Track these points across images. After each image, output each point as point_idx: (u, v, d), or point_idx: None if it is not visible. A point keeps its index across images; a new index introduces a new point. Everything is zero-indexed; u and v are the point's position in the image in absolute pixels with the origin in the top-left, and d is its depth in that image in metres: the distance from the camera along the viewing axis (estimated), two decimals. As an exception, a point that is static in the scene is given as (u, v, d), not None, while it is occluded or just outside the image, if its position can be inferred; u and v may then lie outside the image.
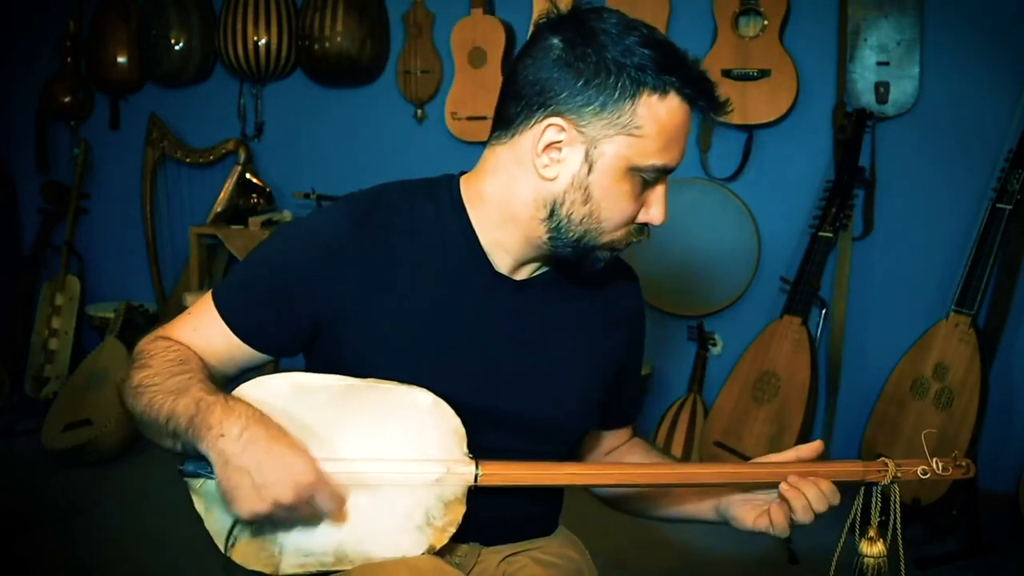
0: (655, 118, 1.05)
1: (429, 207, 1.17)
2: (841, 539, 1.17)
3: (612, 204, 1.09)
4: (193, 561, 2.41)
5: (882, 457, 1.19)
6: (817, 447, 1.19)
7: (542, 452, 1.18)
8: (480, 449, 1.09)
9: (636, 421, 1.44)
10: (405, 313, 1.13)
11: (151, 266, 3.89)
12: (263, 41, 3.52)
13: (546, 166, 1.09)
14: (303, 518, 1.03)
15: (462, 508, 1.07)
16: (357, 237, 1.13)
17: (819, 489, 1.13)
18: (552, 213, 1.11)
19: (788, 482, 1.13)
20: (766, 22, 3.00)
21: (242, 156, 3.65)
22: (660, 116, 1.06)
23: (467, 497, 1.08)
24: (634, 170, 1.08)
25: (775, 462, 1.17)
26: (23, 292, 3.99)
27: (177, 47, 3.64)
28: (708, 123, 1.13)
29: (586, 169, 1.08)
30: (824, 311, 3.03)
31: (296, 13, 3.54)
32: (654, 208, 1.13)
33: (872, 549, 1.17)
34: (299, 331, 1.15)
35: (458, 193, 1.17)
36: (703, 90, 1.07)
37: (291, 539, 1.05)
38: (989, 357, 2.75)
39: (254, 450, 0.98)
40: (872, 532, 1.17)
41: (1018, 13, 2.82)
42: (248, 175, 3.65)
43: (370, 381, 1.08)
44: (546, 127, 1.07)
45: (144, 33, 3.71)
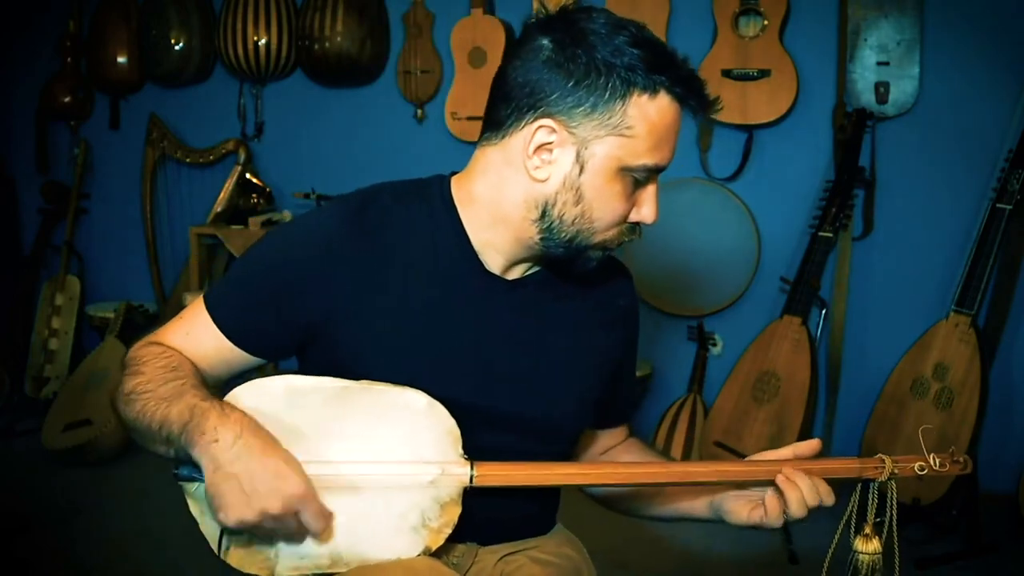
0: (645, 118, 1.05)
1: (420, 208, 1.16)
2: (836, 535, 1.17)
3: (604, 204, 1.09)
4: (193, 561, 2.40)
5: (880, 455, 1.18)
6: (815, 445, 1.18)
7: (538, 451, 1.17)
8: (475, 449, 1.08)
9: (632, 420, 1.44)
10: (398, 313, 1.13)
11: (151, 266, 3.89)
12: (263, 41, 3.52)
13: (537, 167, 1.09)
14: (289, 533, 1.02)
15: (457, 509, 1.07)
16: (348, 238, 1.12)
17: (812, 481, 1.12)
18: (544, 214, 1.11)
19: (783, 474, 1.13)
20: (766, 22, 2.99)
21: (242, 156, 3.65)
22: (650, 116, 1.06)
23: (463, 498, 1.07)
24: (625, 170, 1.08)
25: (771, 459, 1.17)
26: (23, 292, 3.99)
27: (177, 47, 3.64)
28: (699, 121, 1.13)
29: (577, 170, 1.08)
30: (824, 311, 3.03)
31: (296, 13, 3.54)
32: (646, 207, 1.13)
33: (867, 546, 1.16)
34: (291, 333, 1.15)
35: (449, 194, 1.17)
36: (693, 88, 1.07)
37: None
38: (989, 357, 2.75)
39: (246, 459, 0.97)
40: (868, 529, 1.16)
41: (1018, 13, 2.82)
42: (248, 175, 3.65)
43: (364, 383, 1.08)
44: (536, 129, 1.07)
45: (144, 33, 3.71)
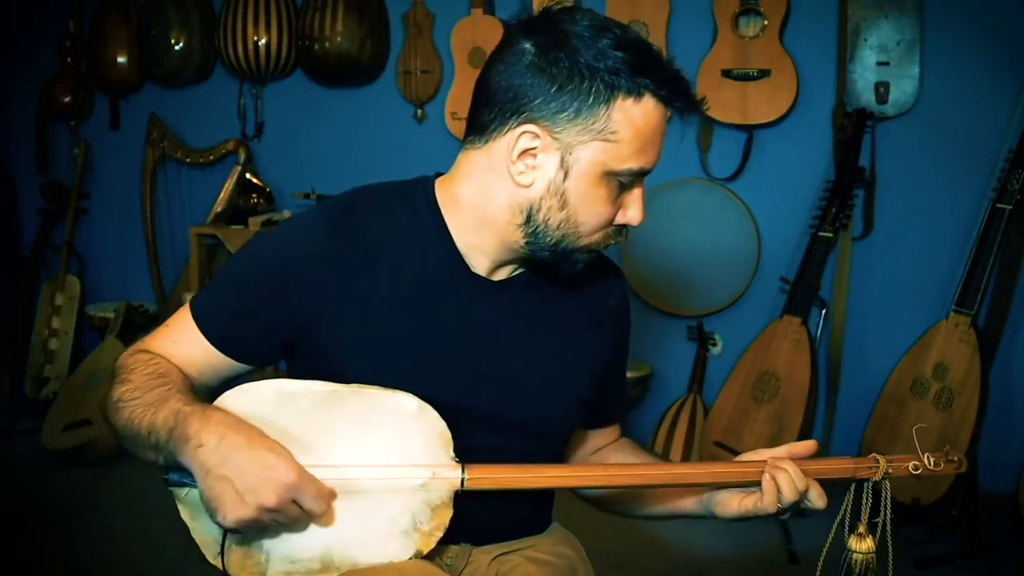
0: (630, 122, 1.05)
1: (404, 210, 1.16)
2: (831, 534, 1.16)
3: (589, 209, 1.09)
4: (193, 561, 2.38)
5: (874, 454, 1.17)
6: (811, 446, 1.17)
7: (528, 452, 1.17)
8: (466, 450, 1.08)
9: (623, 420, 1.44)
10: (384, 315, 1.12)
11: (151, 266, 3.89)
12: (263, 41, 3.52)
13: (521, 173, 1.08)
14: (291, 521, 1.02)
15: (449, 512, 1.07)
16: (333, 241, 1.12)
17: (797, 467, 1.11)
18: (529, 219, 1.10)
19: (769, 462, 1.12)
20: (766, 22, 2.99)
21: (242, 156, 3.65)
22: (635, 120, 1.05)
23: (454, 501, 1.07)
24: (610, 175, 1.07)
25: (766, 459, 1.16)
26: (23, 292, 4.00)
27: (177, 47, 3.64)
28: (687, 123, 1.12)
29: (562, 175, 1.07)
30: (824, 311, 3.02)
31: (296, 13, 3.53)
32: (631, 210, 1.12)
33: (861, 545, 1.16)
34: (278, 339, 1.15)
35: (433, 196, 1.17)
36: (678, 90, 1.06)
37: (277, 546, 1.05)
38: (989, 357, 2.75)
39: (233, 457, 0.97)
40: (861, 528, 1.16)
41: (1018, 13, 2.81)
42: (248, 175, 3.65)
43: (354, 386, 1.07)
44: (520, 134, 1.06)
45: (144, 33, 3.71)
